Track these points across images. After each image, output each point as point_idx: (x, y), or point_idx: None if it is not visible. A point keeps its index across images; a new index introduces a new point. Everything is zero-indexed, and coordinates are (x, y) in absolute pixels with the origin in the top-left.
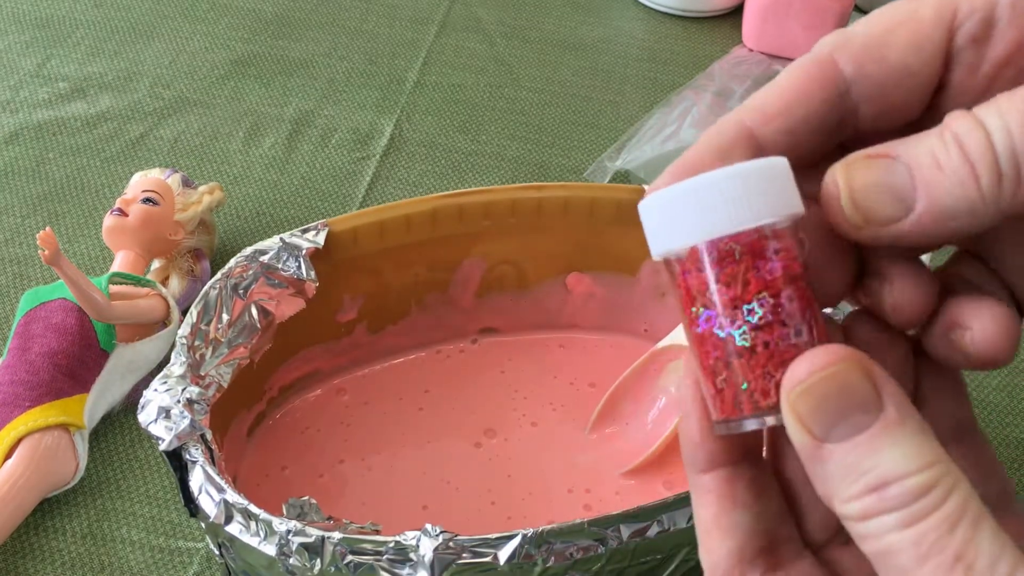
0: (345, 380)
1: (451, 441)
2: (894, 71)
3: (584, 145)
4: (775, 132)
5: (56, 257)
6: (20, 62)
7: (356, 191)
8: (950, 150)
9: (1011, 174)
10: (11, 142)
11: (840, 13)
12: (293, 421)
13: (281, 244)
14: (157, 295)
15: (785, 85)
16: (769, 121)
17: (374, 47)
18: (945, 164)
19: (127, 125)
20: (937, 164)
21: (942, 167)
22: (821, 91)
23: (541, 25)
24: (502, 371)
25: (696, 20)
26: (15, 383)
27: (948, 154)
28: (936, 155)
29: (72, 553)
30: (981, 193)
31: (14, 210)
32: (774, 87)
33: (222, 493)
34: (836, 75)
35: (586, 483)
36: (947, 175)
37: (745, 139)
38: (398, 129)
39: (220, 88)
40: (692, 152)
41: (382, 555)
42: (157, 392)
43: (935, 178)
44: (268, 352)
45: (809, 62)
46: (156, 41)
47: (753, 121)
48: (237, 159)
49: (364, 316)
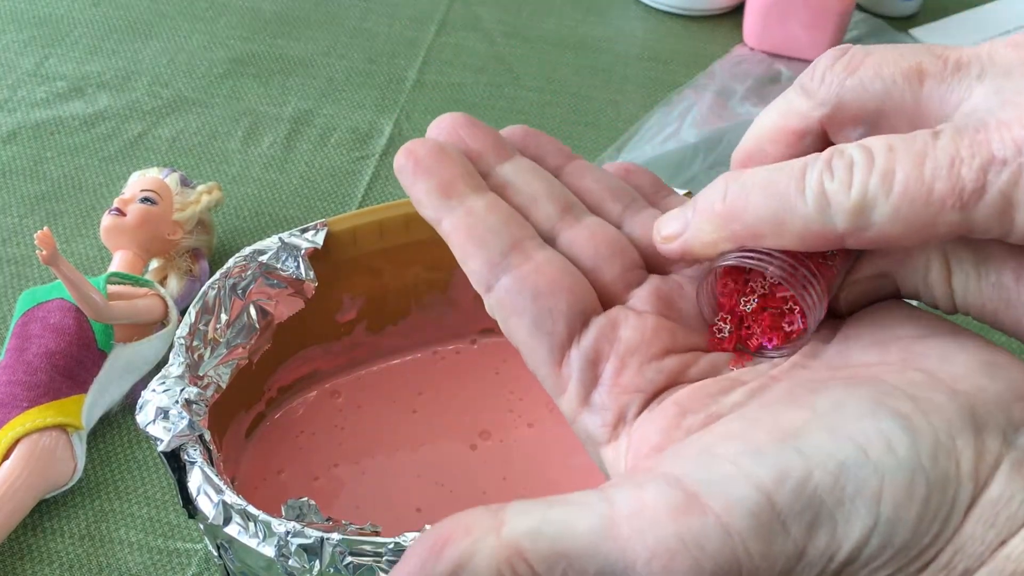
0: (339, 383)
1: (446, 443)
2: (892, 251)
3: (584, 144)
4: None
5: (54, 257)
6: (18, 61)
7: (355, 191)
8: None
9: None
10: (9, 141)
11: (841, 13)
12: (290, 423)
13: (280, 244)
14: (155, 295)
15: (790, 232)
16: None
17: (374, 46)
18: (925, 301)
19: (125, 124)
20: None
21: (922, 300)
22: (823, 248)
23: (541, 24)
24: (497, 372)
25: (697, 19)
26: (12, 384)
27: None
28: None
29: (70, 554)
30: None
31: (12, 210)
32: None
33: (220, 494)
34: (841, 244)
35: (584, 484)
36: (924, 302)
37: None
38: (398, 128)
39: (219, 87)
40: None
41: (381, 556)
42: (155, 393)
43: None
44: (267, 352)
45: (819, 228)
46: (154, 40)
47: (750, 242)
48: (236, 158)
49: (364, 316)
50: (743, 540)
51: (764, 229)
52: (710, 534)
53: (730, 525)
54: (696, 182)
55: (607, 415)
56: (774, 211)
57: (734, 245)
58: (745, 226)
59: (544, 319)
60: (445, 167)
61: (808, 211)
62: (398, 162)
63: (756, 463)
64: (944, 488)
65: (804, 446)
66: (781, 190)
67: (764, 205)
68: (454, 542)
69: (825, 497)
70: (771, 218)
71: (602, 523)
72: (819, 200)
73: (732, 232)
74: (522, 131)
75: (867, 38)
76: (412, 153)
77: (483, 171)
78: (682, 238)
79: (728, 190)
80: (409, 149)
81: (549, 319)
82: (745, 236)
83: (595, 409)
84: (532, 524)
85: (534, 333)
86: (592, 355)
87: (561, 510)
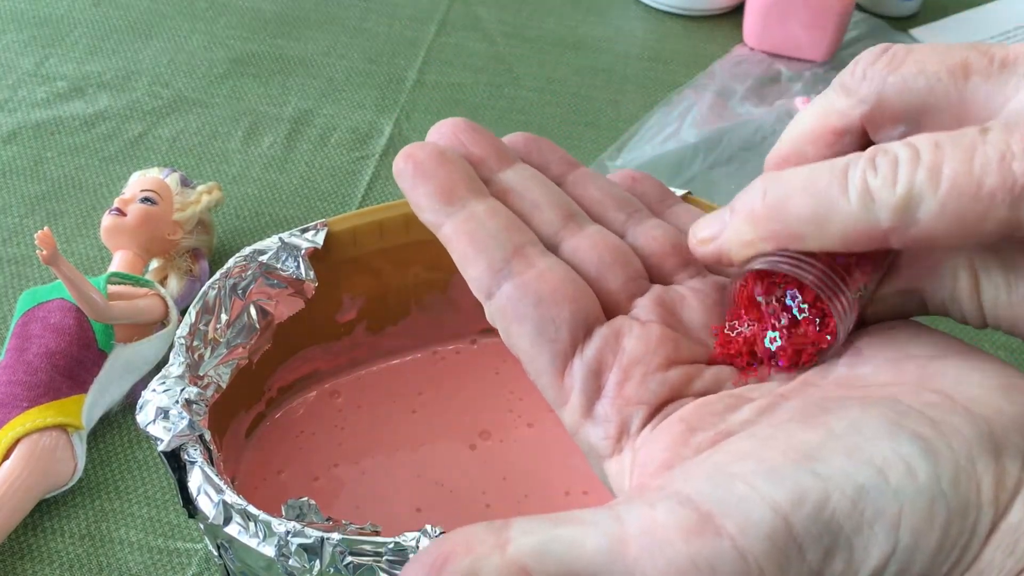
0: (339, 383)
1: (445, 443)
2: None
3: (584, 144)
4: None
5: (54, 257)
6: (18, 61)
7: (355, 191)
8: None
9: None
10: (9, 141)
11: (841, 13)
12: (290, 423)
13: (280, 244)
14: (155, 295)
15: (833, 233)
16: (806, 249)
17: (373, 46)
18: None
19: (125, 124)
20: (946, 311)
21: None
22: (865, 248)
23: (541, 24)
24: (497, 372)
25: (697, 19)
26: (13, 383)
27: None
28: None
29: (70, 554)
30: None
31: (12, 210)
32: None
33: (221, 494)
34: (885, 243)
35: (584, 485)
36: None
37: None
38: (397, 128)
39: (219, 87)
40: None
41: (381, 556)
42: (155, 392)
43: (941, 314)
44: (267, 352)
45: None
46: (155, 40)
47: (789, 244)
48: (236, 158)
49: (364, 316)
50: (758, 564)
51: (805, 229)
52: (724, 557)
53: (745, 548)
54: (696, 182)
55: (610, 427)
56: (815, 210)
57: (773, 246)
58: (785, 226)
59: (547, 327)
60: (445, 171)
61: (851, 208)
62: (397, 166)
63: (773, 485)
64: (964, 514)
65: (822, 468)
66: (822, 188)
67: (805, 204)
68: (456, 560)
69: (843, 522)
70: (812, 217)
71: (611, 543)
72: (863, 197)
73: (772, 232)
74: (524, 138)
75: (867, 38)
76: (411, 157)
77: (484, 177)
78: (719, 240)
79: (767, 190)
80: (408, 153)
81: (552, 327)
82: (785, 237)
83: (598, 421)
84: (538, 543)
85: (536, 342)
86: (595, 365)
87: (568, 529)
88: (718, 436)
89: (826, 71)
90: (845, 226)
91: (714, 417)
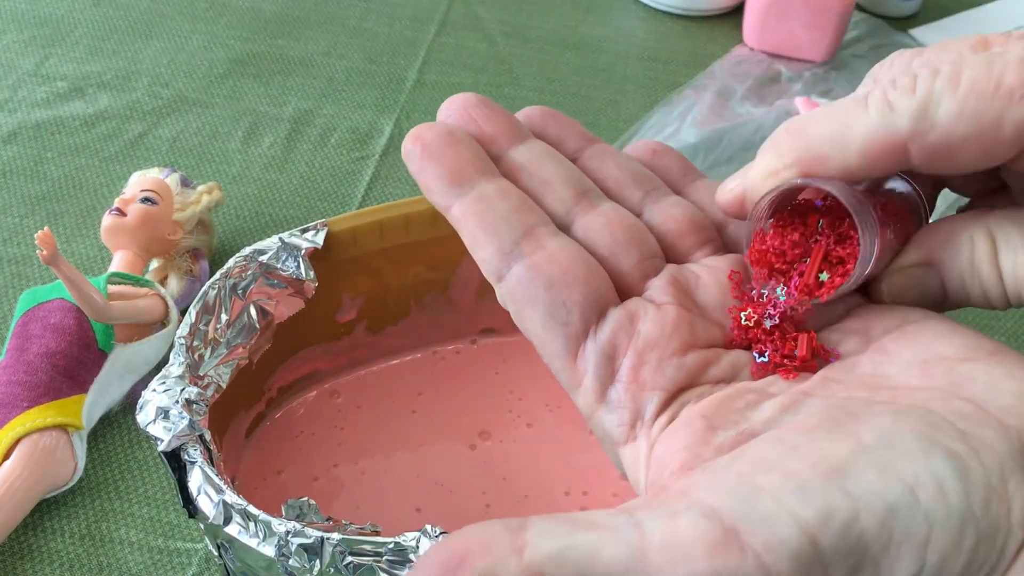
0: (339, 383)
1: (445, 443)
2: (959, 170)
3: None
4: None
5: (54, 257)
6: (18, 61)
7: (355, 191)
8: (974, 283)
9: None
10: (9, 141)
11: (841, 13)
12: (290, 423)
13: (280, 244)
14: (156, 295)
15: (853, 148)
16: (828, 173)
17: (373, 46)
18: (970, 290)
19: (126, 124)
20: (964, 287)
21: (968, 291)
22: (885, 167)
23: (541, 24)
24: (497, 372)
25: (697, 19)
26: (13, 383)
27: (973, 284)
28: (964, 281)
29: (70, 554)
30: (993, 305)
31: (12, 210)
32: (840, 143)
33: (221, 494)
34: (904, 160)
35: (583, 485)
36: (970, 296)
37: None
38: (398, 128)
39: (219, 87)
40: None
41: (381, 556)
42: (156, 392)
43: (960, 296)
44: (267, 352)
45: (882, 136)
46: (155, 40)
47: (812, 168)
48: (236, 158)
49: (364, 316)
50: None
51: (826, 148)
52: (748, 573)
53: (770, 566)
54: None
55: (624, 413)
56: (836, 127)
57: (796, 172)
58: (807, 146)
59: (558, 310)
60: (454, 152)
61: (870, 119)
62: (406, 147)
63: (801, 502)
64: (994, 537)
65: (851, 485)
66: (843, 109)
67: (826, 124)
68: (471, 561)
69: (871, 542)
70: (832, 134)
71: (631, 552)
72: (882, 108)
73: (795, 157)
74: (541, 112)
75: (867, 38)
76: (420, 138)
77: (495, 154)
78: (744, 180)
79: (791, 123)
80: (417, 134)
81: (563, 310)
82: (808, 159)
83: (612, 406)
84: (557, 548)
85: (548, 324)
86: (609, 349)
87: (587, 535)
88: (740, 436)
89: (826, 71)
90: (864, 137)
91: (735, 414)
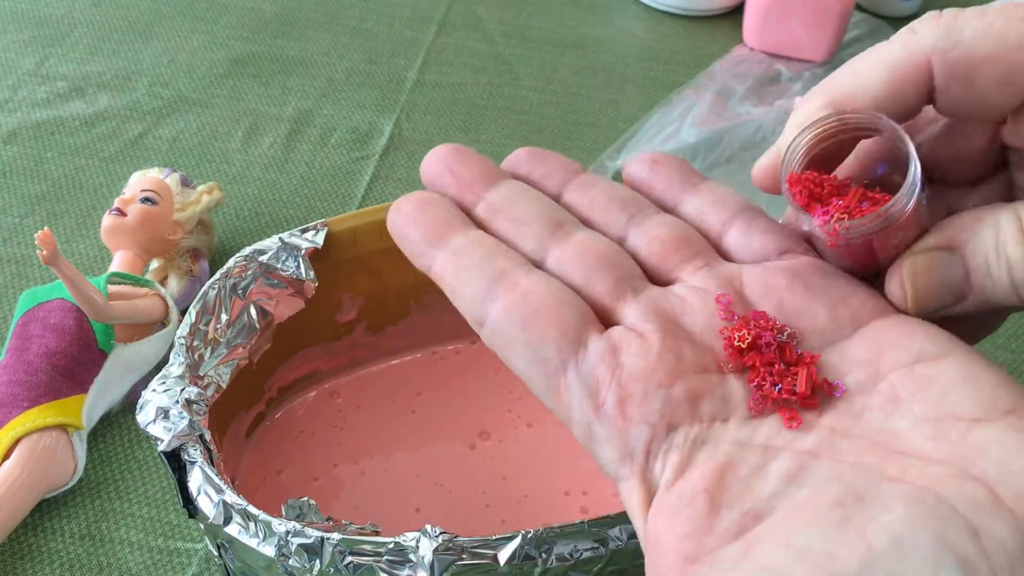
0: (339, 383)
1: (445, 443)
2: (978, 102)
3: (584, 144)
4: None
5: (54, 257)
6: (18, 61)
7: (355, 191)
8: (1001, 265)
9: None
10: (9, 141)
11: (841, 13)
12: (290, 423)
13: (280, 244)
14: (156, 295)
15: (877, 77)
16: (857, 106)
17: (373, 46)
18: (995, 275)
19: (126, 124)
20: (989, 272)
21: (993, 277)
22: (911, 94)
23: (541, 24)
24: (496, 372)
25: (697, 19)
26: (13, 383)
27: (999, 267)
28: (989, 264)
29: (70, 554)
30: (1019, 291)
31: (12, 210)
32: (864, 75)
33: (221, 494)
34: (928, 80)
35: (583, 485)
36: (996, 284)
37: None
38: (397, 128)
39: (219, 87)
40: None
41: (381, 556)
42: (156, 392)
43: (985, 284)
44: (267, 352)
45: (906, 58)
46: (155, 40)
47: (841, 104)
48: (236, 158)
49: (364, 316)
50: None
51: (853, 82)
52: None
53: None
54: None
55: (612, 450)
56: (860, 62)
57: (828, 113)
58: (835, 85)
59: (535, 348)
60: (429, 215)
61: (893, 46)
62: (390, 221)
63: None
64: None
65: None
66: (867, 50)
67: (852, 64)
68: None
69: None
70: (857, 69)
71: None
72: (905, 35)
73: (828, 97)
74: (527, 154)
75: (867, 38)
76: (399, 209)
77: (472, 200)
78: (776, 145)
79: (823, 81)
80: (396, 206)
81: (540, 347)
82: (838, 98)
83: (600, 442)
84: None
85: (530, 363)
86: (592, 382)
87: None
88: (745, 519)
89: (826, 71)
90: (889, 62)
91: (739, 485)
